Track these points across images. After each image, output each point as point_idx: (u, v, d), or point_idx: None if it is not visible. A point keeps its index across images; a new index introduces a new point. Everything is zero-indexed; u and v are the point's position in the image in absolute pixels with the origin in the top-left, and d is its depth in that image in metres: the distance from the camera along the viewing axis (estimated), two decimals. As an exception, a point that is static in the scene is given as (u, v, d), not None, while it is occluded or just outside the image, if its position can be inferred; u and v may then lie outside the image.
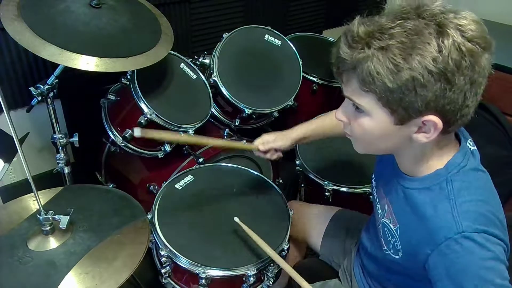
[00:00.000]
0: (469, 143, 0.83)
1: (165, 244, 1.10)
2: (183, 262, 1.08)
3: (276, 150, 1.19)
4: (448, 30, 0.66)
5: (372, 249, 1.04)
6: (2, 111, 0.83)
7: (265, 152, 1.18)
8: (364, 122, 0.77)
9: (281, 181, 1.78)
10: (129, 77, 1.39)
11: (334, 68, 0.78)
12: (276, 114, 1.73)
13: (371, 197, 1.07)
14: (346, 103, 0.81)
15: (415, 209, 0.82)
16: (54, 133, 1.36)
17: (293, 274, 0.99)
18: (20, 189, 1.07)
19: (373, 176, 1.05)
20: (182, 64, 1.57)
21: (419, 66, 0.66)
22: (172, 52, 1.48)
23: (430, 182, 0.80)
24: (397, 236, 0.87)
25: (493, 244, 0.72)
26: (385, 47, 0.67)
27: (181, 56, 1.57)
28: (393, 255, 0.89)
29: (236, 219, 1.13)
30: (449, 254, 0.73)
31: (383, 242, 0.93)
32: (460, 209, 0.74)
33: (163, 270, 1.13)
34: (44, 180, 1.24)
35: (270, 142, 1.17)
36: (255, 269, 1.09)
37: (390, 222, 0.90)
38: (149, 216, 1.15)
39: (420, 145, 0.78)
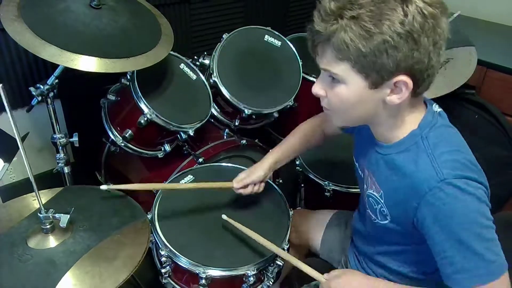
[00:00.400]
0: (435, 107, 0.89)
1: (165, 244, 1.11)
2: (183, 262, 1.08)
3: (255, 183, 1.20)
4: None
5: (363, 227, 1.08)
6: (2, 111, 0.83)
7: (244, 187, 1.19)
8: (340, 90, 0.82)
9: (281, 181, 1.77)
10: (129, 77, 1.39)
11: (309, 43, 0.84)
12: (276, 114, 1.73)
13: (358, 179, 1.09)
14: (321, 76, 0.86)
15: (396, 170, 0.87)
16: (54, 133, 1.36)
17: (292, 259, 1.02)
18: (20, 188, 1.07)
19: (353, 158, 1.09)
20: (182, 65, 1.57)
21: (389, 29, 0.72)
22: (172, 52, 1.48)
23: (407, 143, 0.86)
24: (382, 201, 0.91)
25: (474, 188, 0.78)
26: (356, 16, 0.73)
27: (181, 57, 1.57)
28: (382, 222, 0.93)
29: (224, 216, 1.15)
30: (434, 202, 0.78)
31: (371, 213, 0.97)
32: (439, 159, 0.80)
33: (163, 270, 1.13)
34: (44, 180, 1.24)
35: (244, 178, 1.18)
36: (255, 269, 1.09)
37: (373, 191, 0.94)
38: (149, 216, 1.15)
39: (394, 108, 0.83)
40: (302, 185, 1.67)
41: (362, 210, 1.08)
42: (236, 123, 1.70)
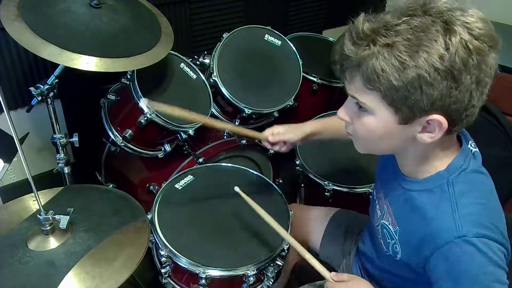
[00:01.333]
0: (471, 145, 0.83)
1: (165, 244, 1.10)
2: (183, 262, 1.08)
3: (285, 142, 1.15)
4: (455, 28, 0.65)
5: (372, 251, 1.04)
6: (2, 111, 0.83)
7: (274, 144, 1.14)
8: (368, 121, 0.76)
9: (281, 181, 1.78)
10: (129, 77, 1.38)
11: (337, 66, 0.76)
12: (276, 114, 1.73)
13: (370, 197, 1.07)
14: (349, 102, 0.80)
15: (415, 210, 0.81)
16: (54, 133, 1.36)
17: (301, 250, 0.98)
18: (20, 189, 1.07)
19: (376, 175, 1.05)
20: (182, 64, 1.57)
21: (426, 63, 0.65)
22: (172, 52, 1.48)
23: (431, 184, 0.79)
24: (397, 238, 0.86)
25: (493, 250, 0.72)
26: (391, 44, 0.66)
27: (181, 56, 1.57)
28: (393, 256, 0.89)
29: (237, 188, 1.13)
30: (450, 257, 0.73)
31: (383, 245, 0.93)
32: (461, 212, 0.74)
33: (163, 270, 1.13)
34: (44, 180, 1.24)
35: (280, 134, 1.13)
36: (255, 269, 1.09)
37: (389, 224, 0.89)
38: (149, 216, 1.15)
39: (423, 146, 0.77)
40: (302, 185, 1.67)
41: (372, 235, 1.03)
42: (236, 123, 1.70)
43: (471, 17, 0.67)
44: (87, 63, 1.16)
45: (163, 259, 1.11)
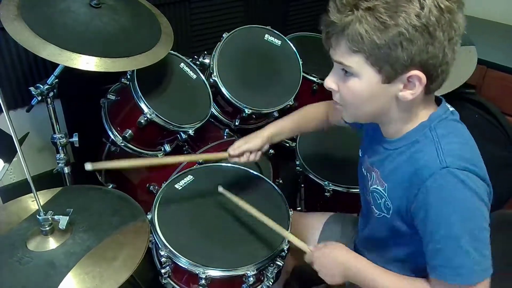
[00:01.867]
0: (448, 105, 0.88)
1: (165, 244, 1.10)
2: (183, 262, 1.08)
3: (251, 152, 1.19)
4: None
5: (368, 227, 1.05)
6: (2, 111, 0.83)
7: (239, 156, 1.18)
8: (353, 84, 0.81)
9: (281, 181, 1.77)
10: (129, 77, 1.38)
11: (323, 34, 0.83)
12: (276, 114, 1.73)
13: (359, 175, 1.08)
14: (334, 69, 0.85)
15: (403, 161, 0.86)
16: (54, 133, 1.36)
17: (278, 228, 1.06)
18: (20, 189, 1.07)
19: (359, 153, 1.08)
20: (182, 64, 1.57)
21: (404, 22, 0.71)
22: (172, 52, 1.48)
23: (416, 134, 0.85)
24: (386, 195, 0.90)
25: (475, 183, 0.77)
26: (372, 7, 0.72)
27: (181, 56, 1.57)
28: (386, 216, 0.91)
29: (220, 188, 1.17)
30: (434, 188, 0.77)
31: (375, 208, 0.95)
32: (445, 148, 0.79)
33: (163, 270, 1.13)
34: (44, 180, 1.24)
35: (240, 146, 1.18)
36: (255, 269, 1.09)
37: (378, 186, 0.93)
38: (149, 216, 1.15)
39: (405, 106, 0.82)
40: (302, 185, 1.67)
41: (365, 211, 1.07)
42: (236, 123, 1.70)
43: None
44: (87, 63, 1.16)
45: (163, 259, 1.11)
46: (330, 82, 0.87)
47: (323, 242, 1.10)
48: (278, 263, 1.14)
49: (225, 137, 1.64)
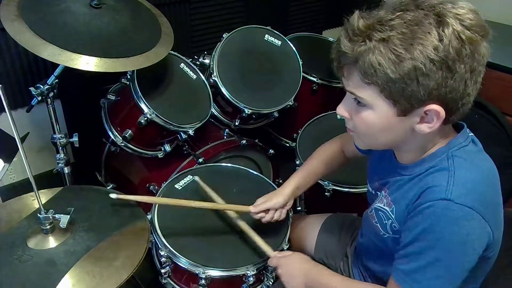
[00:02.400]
0: (469, 132, 0.84)
1: (164, 244, 1.10)
2: (183, 262, 1.08)
3: (275, 209, 1.14)
4: (448, 20, 0.68)
5: (371, 243, 1.02)
6: (2, 111, 0.83)
7: (263, 212, 1.13)
8: (367, 115, 0.78)
9: (281, 181, 1.77)
10: (129, 77, 1.39)
11: (334, 63, 0.78)
12: (276, 114, 1.73)
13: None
14: (347, 98, 0.82)
15: (414, 184, 0.82)
16: (54, 133, 1.36)
17: (245, 227, 1.11)
18: (20, 189, 1.07)
19: (367, 179, 1.05)
20: (182, 64, 1.57)
21: (421, 55, 0.67)
22: (172, 52, 1.48)
23: (432, 161, 0.80)
24: (393, 217, 0.86)
25: (474, 225, 0.72)
26: (386, 38, 0.68)
27: (181, 56, 1.57)
28: (393, 235, 0.88)
29: (196, 177, 1.22)
30: (430, 214, 0.74)
31: (380, 228, 0.92)
32: (457, 179, 0.74)
33: (163, 270, 1.13)
34: (44, 180, 1.24)
35: (262, 203, 1.12)
36: (255, 269, 1.09)
37: (384, 205, 0.90)
38: (149, 217, 1.15)
39: (422, 137, 0.78)
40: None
41: (367, 226, 1.03)
42: (236, 123, 1.70)
43: (461, 9, 0.69)
44: (87, 63, 1.16)
45: (163, 259, 1.11)
46: (342, 111, 0.83)
47: (289, 251, 1.12)
48: (278, 263, 1.14)
49: (225, 137, 1.64)
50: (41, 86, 1.28)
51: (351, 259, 1.18)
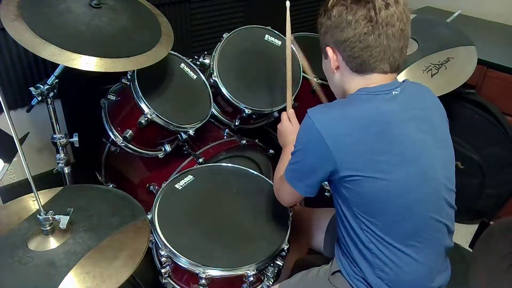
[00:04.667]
0: (396, 90, 0.95)
1: (165, 244, 1.11)
2: (183, 262, 1.08)
3: None
4: None
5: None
6: (2, 111, 0.83)
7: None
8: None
9: (281, 181, 1.78)
10: (129, 77, 1.38)
11: None
12: (276, 114, 1.72)
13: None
14: None
15: None
16: (54, 133, 1.36)
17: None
18: (20, 189, 1.07)
19: None
20: (182, 64, 1.57)
21: (322, 11, 0.97)
22: (172, 52, 1.48)
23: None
24: None
25: (316, 140, 0.90)
26: (330, 8, 0.94)
27: (181, 56, 1.57)
28: None
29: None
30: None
31: None
32: (326, 108, 0.96)
33: (163, 270, 1.13)
34: (44, 180, 1.24)
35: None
36: (255, 269, 1.09)
37: None
38: (149, 216, 1.15)
39: (340, 79, 1.00)
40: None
41: None
42: (236, 123, 1.70)
43: None
44: (87, 63, 1.16)
45: (163, 259, 1.11)
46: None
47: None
48: (278, 263, 1.14)
49: (225, 137, 1.64)
50: (41, 86, 1.28)
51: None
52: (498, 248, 0.94)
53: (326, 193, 1.49)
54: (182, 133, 1.44)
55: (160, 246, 1.12)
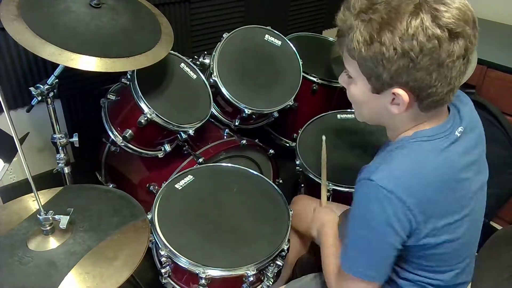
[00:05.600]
0: (459, 130, 0.84)
1: (165, 244, 1.11)
2: (183, 262, 1.08)
3: None
4: (421, 12, 0.71)
5: None
6: (2, 111, 0.83)
7: None
8: (352, 88, 0.86)
9: (281, 181, 1.78)
10: (129, 77, 1.38)
11: (338, 34, 0.84)
12: (276, 114, 1.73)
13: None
14: (344, 71, 0.89)
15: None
16: (54, 133, 1.36)
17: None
18: (20, 189, 1.07)
19: None
20: (182, 64, 1.57)
21: (387, 41, 0.72)
22: (172, 52, 1.48)
23: (395, 144, 0.86)
24: None
25: (394, 208, 0.77)
26: (368, 20, 0.74)
27: (181, 56, 1.57)
28: None
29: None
30: (356, 191, 0.84)
31: None
32: (389, 165, 0.80)
33: (163, 270, 1.13)
34: (44, 180, 1.24)
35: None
36: (255, 269, 1.09)
37: None
38: (149, 216, 1.15)
39: (396, 117, 0.83)
40: (302, 185, 1.66)
41: None
42: (236, 123, 1.70)
43: (444, 6, 0.72)
44: (87, 63, 1.16)
45: (163, 259, 1.11)
46: (340, 80, 0.92)
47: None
48: (278, 263, 1.14)
49: (225, 137, 1.64)
50: (41, 86, 1.28)
51: None
52: (502, 257, 0.94)
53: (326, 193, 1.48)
54: (182, 133, 1.44)
55: (160, 246, 1.12)
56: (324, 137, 1.35)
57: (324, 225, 1.10)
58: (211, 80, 1.60)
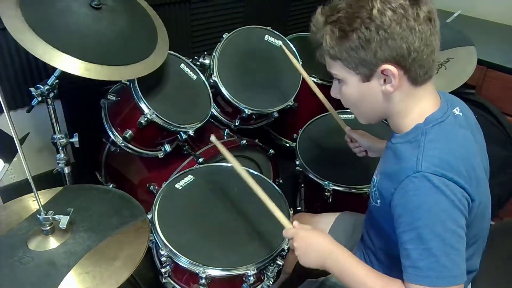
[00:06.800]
0: (456, 109, 0.88)
1: (165, 244, 1.11)
2: (183, 261, 1.08)
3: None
4: None
5: (368, 217, 1.08)
6: (2, 111, 0.83)
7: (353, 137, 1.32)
8: (345, 89, 0.89)
9: (281, 181, 1.78)
10: (129, 77, 1.39)
11: (317, 54, 0.90)
12: (276, 114, 1.73)
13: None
14: (334, 81, 0.93)
15: (394, 157, 0.87)
16: (54, 133, 1.36)
17: (267, 202, 1.07)
18: (20, 189, 1.07)
19: None
20: (182, 65, 1.57)
21: (359, 26, 0.78)
22: (172, 52, 1.48)
23: (410, 136, 0.86)
24: (376, 184, 0.92)
25: (452, 190, 0.76)
26: (335, 19, 0.81)
27: (181, 56, 1.57)
28: (376, 205, 0.92)
29: (212, 137, 1.18)
30: (407, 192, 0.79)
31: (371, 197, 0.96)
32: (426, 153, 0.80)
33: (163, 270, 1.13)
34: (44, 180, 1.24)
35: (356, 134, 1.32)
36: (255, 268, 1.09)
37: (375, 175, 0.96)
38: (149, 216, 1.15)
39: (396, 99, 0.85)
40: (302, 185, 1.67)
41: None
42: (236, 123, 1.70)
43: None
44: (88, 70, 1.16)
45: (163, 258, 1.11)
46: (334, 93, 0.94)
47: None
48: (279, 262, 1.14)
49: (225, 137, 1.64)
50: (41, 87, 1.28)
51: (356, 246, 1.17)
52: (499, 250, 0.93)
53: (326, 193, 1.48)
54: (182, 133, 1.44)
55: (160, 245, 1.12)
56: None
57: (331, 255, 0.93)
58: (211, 81, 1.60)
